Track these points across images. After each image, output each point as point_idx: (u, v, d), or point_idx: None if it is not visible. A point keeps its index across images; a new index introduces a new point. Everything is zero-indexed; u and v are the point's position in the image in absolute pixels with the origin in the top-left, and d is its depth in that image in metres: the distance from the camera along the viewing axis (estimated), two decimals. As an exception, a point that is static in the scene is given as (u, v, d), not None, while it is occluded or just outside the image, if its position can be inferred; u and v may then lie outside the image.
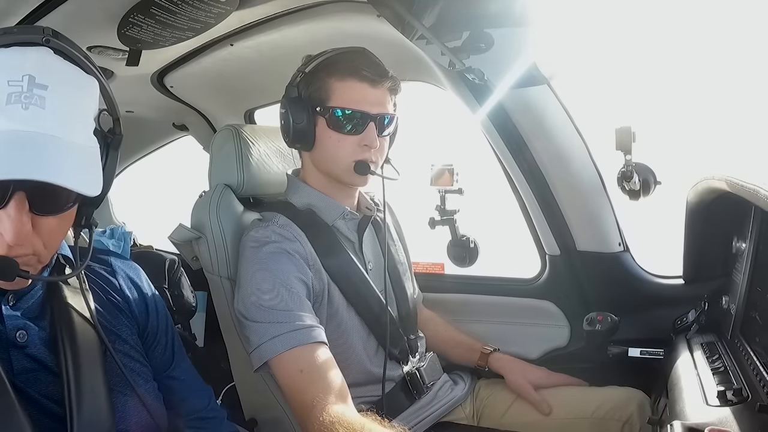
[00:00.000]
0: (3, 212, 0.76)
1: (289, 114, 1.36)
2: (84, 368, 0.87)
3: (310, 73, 1.37)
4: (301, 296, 1.27)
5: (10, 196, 0.75)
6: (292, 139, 1.39)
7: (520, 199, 1.80)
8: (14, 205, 0.76)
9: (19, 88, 0.74)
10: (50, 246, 0.84)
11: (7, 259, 0.77)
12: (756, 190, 0.96)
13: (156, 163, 3.11)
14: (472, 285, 1.94)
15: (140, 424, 0.95)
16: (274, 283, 1.25)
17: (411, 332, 1.54)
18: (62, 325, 0.90)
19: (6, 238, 0.76)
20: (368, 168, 1.37)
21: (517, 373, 1.59)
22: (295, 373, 1.18)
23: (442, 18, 1.23)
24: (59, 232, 0.85)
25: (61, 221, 0.84)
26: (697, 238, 1.49)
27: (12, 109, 0.73)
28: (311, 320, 1.23)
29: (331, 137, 1.35)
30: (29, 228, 0.78)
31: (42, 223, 0.81)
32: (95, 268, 1.04)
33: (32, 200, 0.77)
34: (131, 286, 1.07)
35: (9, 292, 0.88)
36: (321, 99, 1.35)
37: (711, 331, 1.40)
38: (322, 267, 1.37)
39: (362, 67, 1.33)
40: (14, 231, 0.76)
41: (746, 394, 0.98)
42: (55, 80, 0.78)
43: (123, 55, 1.58)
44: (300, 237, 1.36)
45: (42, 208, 0.79)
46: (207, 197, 1.55)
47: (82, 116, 0.83)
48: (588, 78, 1.80)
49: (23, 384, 0.84)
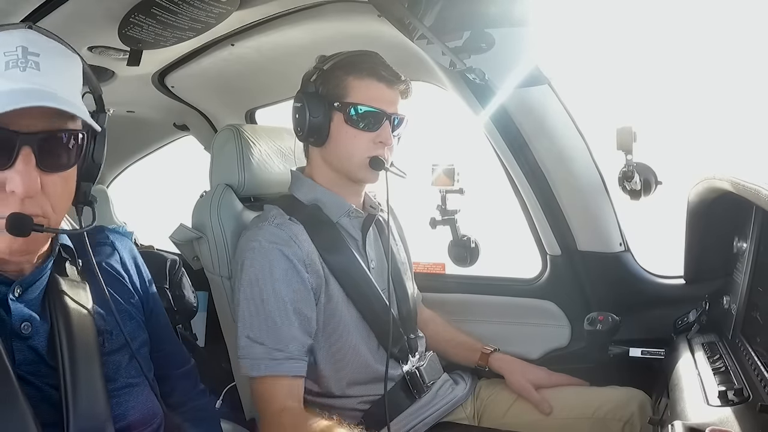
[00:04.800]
0: (12, 170, 0.81)
1: (306, 108, 1.38)
2: (80, 362, 0.89)
3: (328, 71, 1.40)
4: (289, 309, 1.30)
5: (17, 154, 0.80)
6: (306, 133, 1.40)
7: (521, 199, 1.80)
8: (22, 161, 0.81)
9: (15, 56, 0.81)
10: (58, 208, 0.88)
11: (21, 214, 0.81)
12: (757, 189, 0.96)
13: (156, 163, 3.11)
14: (473, 285, 1.94)
15: (146, 407, 0.98)
16: (263, 293, 1.30)
17: (411, 332, 1.54)
18: (62, 319, 0.91)
19: (18, 192, 0.81)
20: (383, 164, 1.39)
21: (517, 373, 1.59)
22: (264, 392, 1.29)
23: (443, 18, 1.23)
24: (64, 194, 0.90)
25: (66, 184, 0.89)
26: (698, 238, 1.49)
27: (11, 73, 0.80)
28: (294, 345, 1.29)
29: (348, 132, 1.38)
30: (38, 184, 0.82)
31: (48, 183, 0.85)
32: (98, 240, 1.07)
33: (38, 156, 0.82)
34: (130, 258, 1.12)
35: (15, 283, 0.89)
36: (339, 95, 1.37)
37: (712, 331, 1.40)
38: (321, 263, 1.37)
39: (380, 68, 1.38)
40: (24, 183, 0.80)
41: (747, 394, 0.98)
42: (44, 49, 0.85)
43: (124, 55, 1.58)
44: (296, 236, 1.35)
45: (47, 164, 0.84)
46: (208, 197, 1.55)
47: (73, 82, 0.89)
48: (589, 78, 1.80)
49: (24, 374, 0.86)
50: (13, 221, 0.81)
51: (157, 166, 3.18)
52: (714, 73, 2.71)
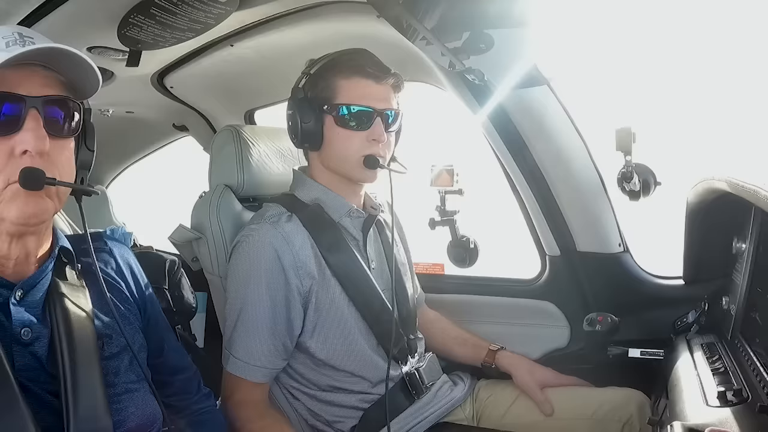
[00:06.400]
0: (21, 132, 0.85)
1: (297, 115, 1.38)
2: (81, 368, 0.89)
3: (316, 75, 1.39)
4: (265, 318, 1.33)
5: (26, 115, 0.85)
6: (300, 139, 1.40)
7: (520, 200, 1.80)
8: (31, 120, 0.85)
9: (13, 38, 0.87)
10: (63, 176, 0.91)
11: (33, 168, 0.85)
12: (756, 190, 0.96)
13: (156, 163, 3.11)
14: (472, 286, 1.94)
15: (146, 412, 0.98)
16: (246, 297, 1.34)
17: (410, 332, 1.54)
18: (62, 323, 0.91)
19: (30, 148, 0.85)
20: (377, 162, 1.38)
21: (524, 371, 1.59)
22: (228, 382, 1.37)
23: (443, 19, 1.23)
24: (68, 165, 0.93)
25: (69, 155, 0.93)
26: (697, 238, 1.49)
27: (12, 48, 0.85)
28: (262, 357, 1.34)
29: (340, 134, 1.37)
30: (47, 142, 0.86)
31: (53, 148, 0.88)
32: (96, 245, 1.07)
33: (44, 119, 0.86)
34: (126, 265, 1.12)
35: (17, 286, 0.89)
36: (327, 98, 1.37)
37: (711, 331, 1.40)
38: (320, 263, 1.38)
39: (366, 64, 1.37)
40: (35, 139, 0.85)
41: (746, 395, 0.98)
42: (38, 36, 0.91)
43: (123, 56, 1.58)
44: (289, 236, 1.35)
45: (52, 128, 0.88)
46: (207, 198, 1.55)
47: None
48: (588, 78, 1.80)
49: (24, 380, 0.85)
50: (26, 174, 0.84)
51: (156, 166, 3.18)
52: (713, 74, 2.71)
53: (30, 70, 0.87)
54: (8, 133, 0.85)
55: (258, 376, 1.35)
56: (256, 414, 1.35)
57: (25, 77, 0.86)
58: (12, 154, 0.85)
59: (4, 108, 0.84)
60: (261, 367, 1.34)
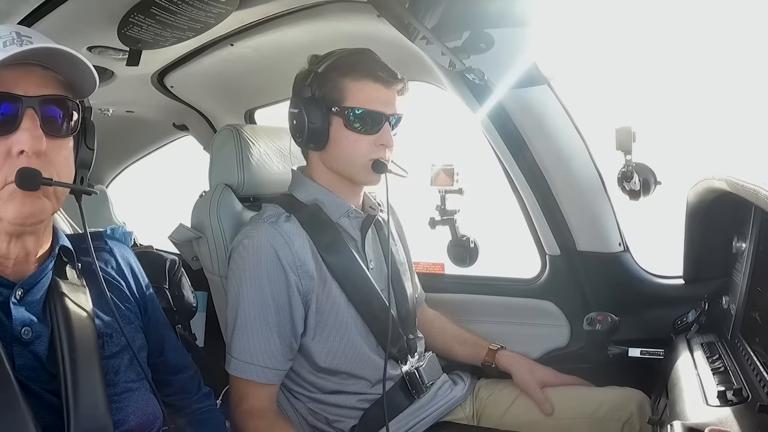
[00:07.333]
0: (18, 133, 0.85)
1: (304, 114, 1.36)
2: (81, 367, 0.89)
3: (323, 73, 1.38)
4: (268, 318, 1.33)
5: (23, 115, 0.85)
6: (306, 139, 1.39)
7: (520, 199, 1.80)
8: (27, 120, 0.85)
9: (11, 38, 0.87)
10: (60, 176, 0.91)
11: (30, 168, 0.84)
12: (756, 190, 0.96)
13: (156, 163, 3.11)
14: (472, 285, 1.94)
15: (146, 411, 0.98)
16: (247, 297, 1.33)
17: (410, 332, 1.54)
18: (63, 323, 0.91)
19: (26, 148, 0.84)
20: (385, 167, 1.39)
21: (524, 370, 1.59)
22: (236, 390, 1.36)
23: (443, 18, 1.23)
24: (66, 165, 0.93)
25: (67, 155, 0.93)
26: (697, 238, 1.49)
27: (9, 48, 0.85)
28: (266, 355, 1.33)
29: (348, 137, 1.37)
30: (44, 142, 0.86)
31: (51, 148, 0.88)
32: (97, 245, 1.07)
33: (41, 119, 0.86)
34: (126, 264, 1.12)
35: (17, 285, 0.89)
36: (336, 99, 1.36)
37: (711, 331, 1.40)
38: (319, 263, 1.38)
39: (376, 68, 1.36)
40: (31, 139, 0.85)
41: (746, 394, 0.98)
42: (35, 35, 0.91)
43: (123, 55, 1.58)
44: (289, 236, 1.35)
45: (49, 127, 0.88)
46: (207, 197, 1.55)
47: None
48: (588, 78, 1.80)
49: (24, 378, 0.85)
50: (23, 175, 0.84)
51: (156, 166, 3.18)
52: (713, 73, 2.71)
53: (27, 70, 0.87)
54: (5, 133, 0.85)
55: (262, 376, 1.34)
56: (265, 425, 1.33)
57: (23, 77, 0.86)
58: (9, 154, 0.85)
59: (1, 108, 0.84)
60: (265, 367, 1.33)
